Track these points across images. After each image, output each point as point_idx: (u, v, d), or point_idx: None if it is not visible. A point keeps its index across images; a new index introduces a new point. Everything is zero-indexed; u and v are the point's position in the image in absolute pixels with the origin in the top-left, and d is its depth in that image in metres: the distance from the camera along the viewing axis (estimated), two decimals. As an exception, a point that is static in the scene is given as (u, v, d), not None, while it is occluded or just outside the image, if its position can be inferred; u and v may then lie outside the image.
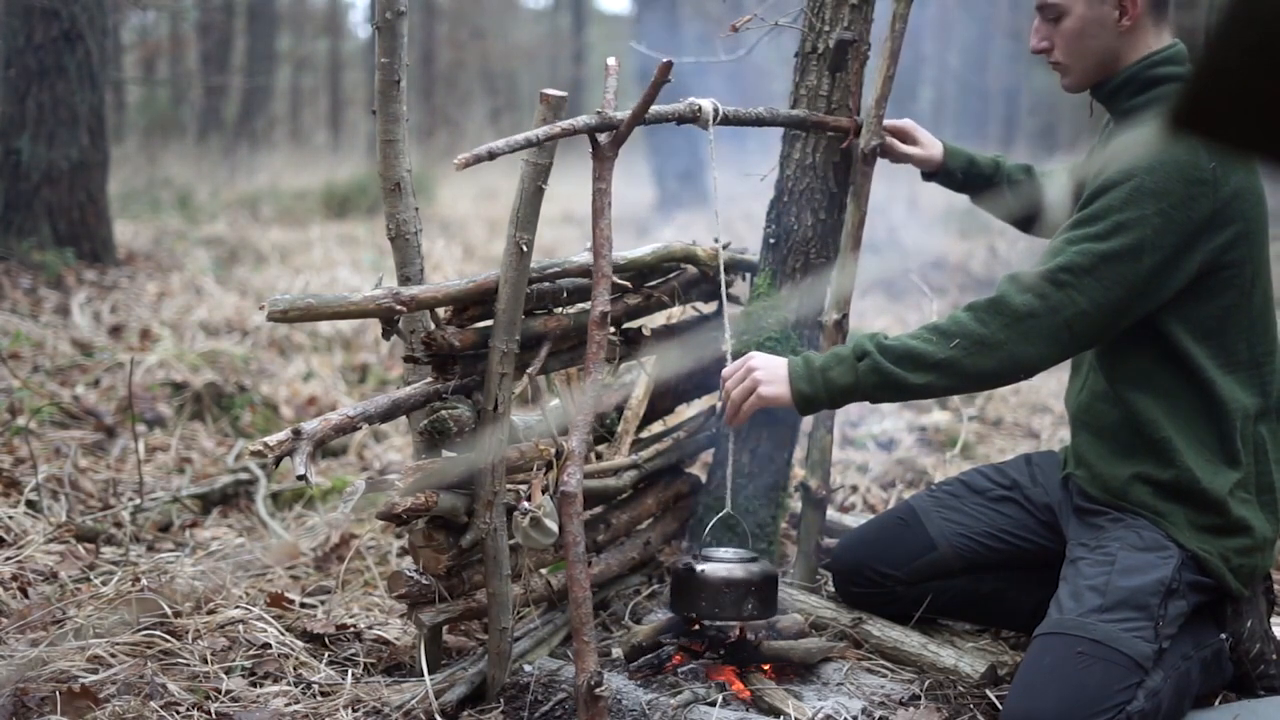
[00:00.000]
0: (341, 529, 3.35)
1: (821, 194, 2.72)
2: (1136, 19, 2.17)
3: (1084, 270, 2.05)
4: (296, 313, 1.97)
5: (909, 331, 2.18)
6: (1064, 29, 2.22)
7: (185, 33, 18.80)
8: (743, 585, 2.32)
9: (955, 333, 2.10)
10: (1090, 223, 2.07)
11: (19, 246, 6.70)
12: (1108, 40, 2.19)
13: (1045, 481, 2.49)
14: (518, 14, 27.06)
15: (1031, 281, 2.08)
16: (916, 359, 2.11)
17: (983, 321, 2.10)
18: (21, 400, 4.05)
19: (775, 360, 2.24)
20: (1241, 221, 2.07)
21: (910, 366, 2.11)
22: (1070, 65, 2.25)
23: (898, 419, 4.91)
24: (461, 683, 2.29)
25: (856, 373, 2.14)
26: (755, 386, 2.21)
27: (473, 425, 2.21)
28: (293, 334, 5.87)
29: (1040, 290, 2.07)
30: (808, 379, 2.18)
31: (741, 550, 2.43)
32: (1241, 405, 2.15)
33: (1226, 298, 2.12)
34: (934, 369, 2.11)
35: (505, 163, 2.39)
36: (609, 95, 2.19)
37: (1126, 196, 2.04)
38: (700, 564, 2.35)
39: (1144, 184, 2.03)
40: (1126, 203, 2.03)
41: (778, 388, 2.20)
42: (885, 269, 7.69)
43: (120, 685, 2.21)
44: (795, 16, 2.77)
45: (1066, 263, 2.06)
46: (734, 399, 2.25)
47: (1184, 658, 2.10)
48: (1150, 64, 2.19)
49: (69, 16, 6.76)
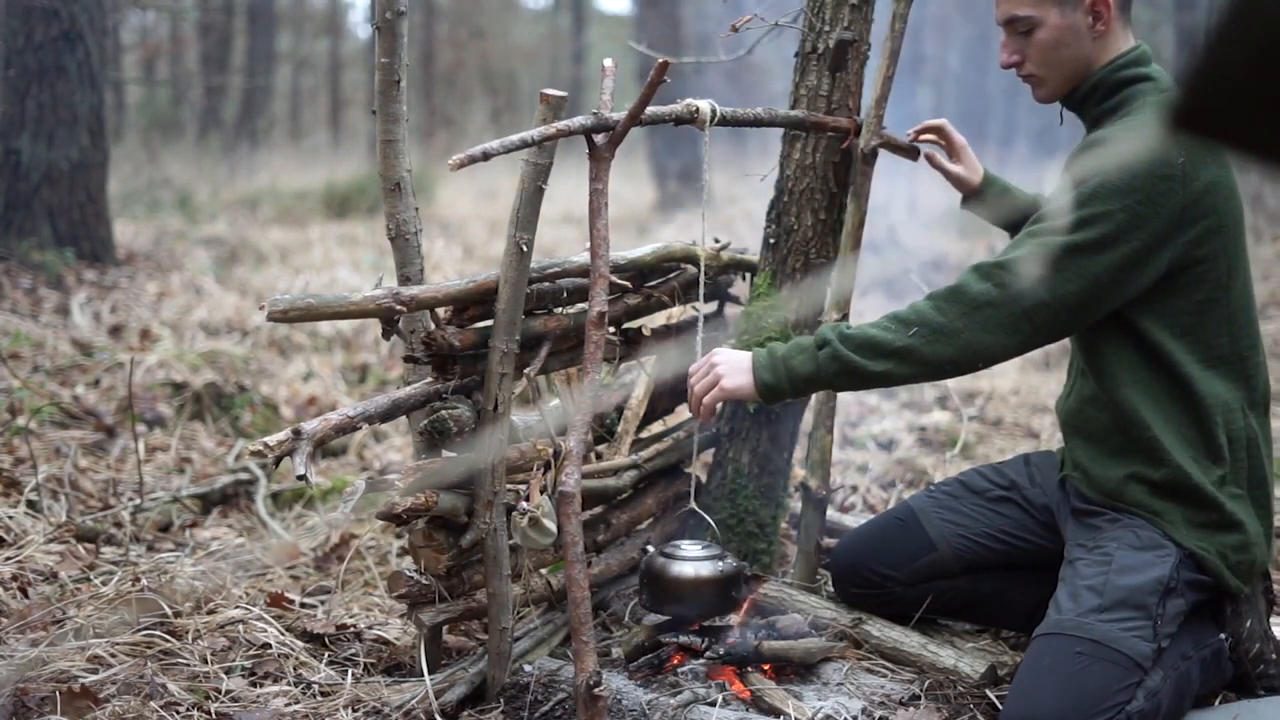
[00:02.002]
0: (341, 529, 3.35)
1: (821, 194, 2.72)
2: (1109, 24, 2.17)
3: (1044, 261, 2.05)
4: (296, 313, 1.97)
5: (871, 321, 2.19)
6: (1038, 40, 2.19)
7: (185, 33, 18.80)
8: (705, 583, 2.38)
9: (914, 321, 2.11)
10: (1055, 216, 2.08)
11: (19, 246, 6.70)
12: (1082, 48, 2.18)
13: (1043, 482, 2.49)
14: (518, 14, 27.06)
15: (990, 270, 2.09)
16: (875, 346, 2.12)
17: (941, 310, 2.10)
18: (21, 400, 4.05)
19: (738, 354, 2.25)
20: (1214, 216, 2.06)
21: (870, 354, 2.12)
22: (1046, 76, 2.23)
23: (898, 419, 4.91)
24: (461, 683, 2.29)
25: (817, 361, 2.15)
26: (718, 380, 2.22)
27: (473, 425, 2.22)
28: (293, 334, 5.87)
29: (999, 279, 2.07)
30: (770, 368, 2.19)
31: (711, 546, 2.45)
32: (1223, 400, 2.15)
33: (1202, 292, 2.11)
34: (892, 356, 2.11)
35: (505, 163, 2.39)
36: (605, 96, 2.19)
37: (1092, 192, 2.04)
38: (661, 559, 2.41)
39: (1110, 180, 2.03)
40: (1092, 198, 2.03)
41: (740, 378, 2.21)
42: (885, 269, 7.69)
43: (120, 685, 2.21)
44: (795, 16, 2.77)
45: (1027, 253, 2.07)
46: (696, 393, 2.26)
47: (1183, 657, 2.10)
48: (1117, 67, 2.18)
49: (69, 16, 6.76)
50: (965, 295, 2.09)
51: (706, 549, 2.43)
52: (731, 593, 2.42)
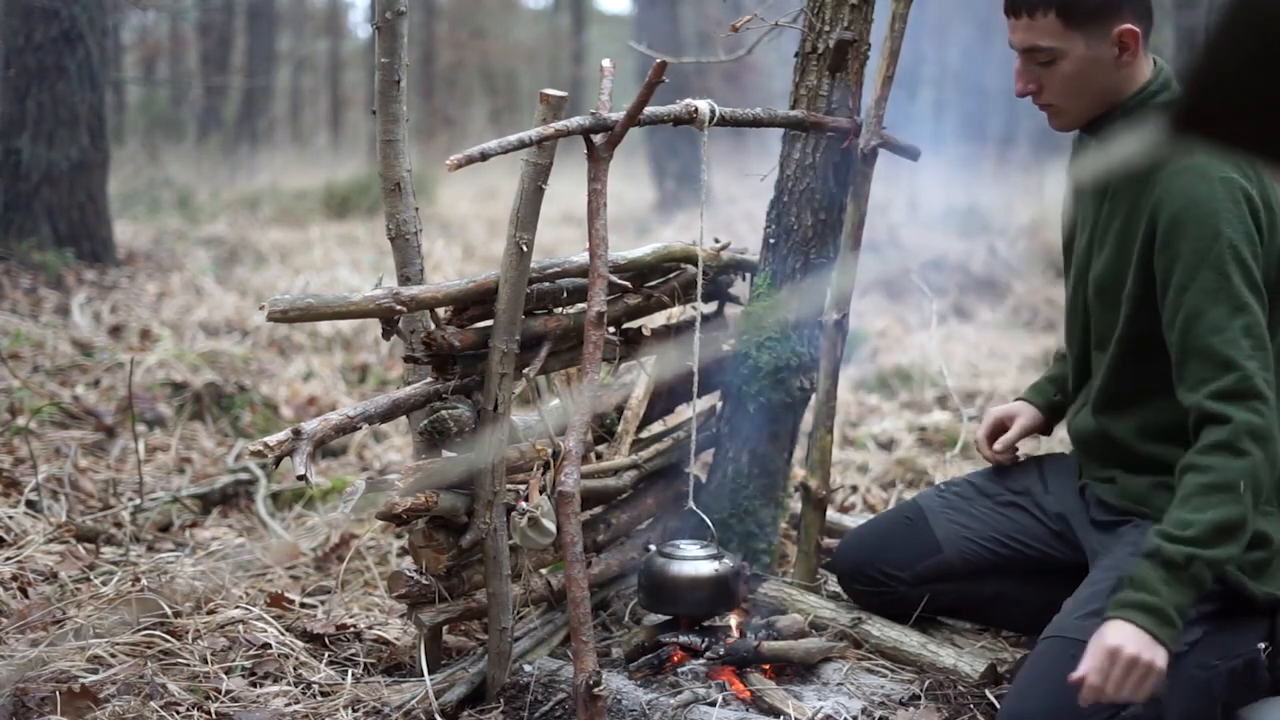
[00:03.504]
0: (341, 529, 3.35)
1: (821, 194, 2.72)
2: (1136, 54, 2.09)
3: (1235, 335, 1.97)
4: (296, 313, 1.98)
5: (1179, 501, 1.96)
6: (1060, 72, 2.10)
7: (185, 33, 18.80)
8: (705, 582, 2.39)
9: (1224, 481, 1.93)
10: (1200, 294, 1.99)
11: (19, 246, 6.70)
12: (1107, 79, 2.11)
13: (1058, 489, 2.43)
14: (518, 14, 27.03)
15: (1229, 392, 1.96)
16: (1227, 529, 1.91)
17: (1228, 453, 1.94)
18: (21, 400, 4.04)
19: (1124, 633, 1.89)
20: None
21: (1228, 538, 1.91)
22: (1066, 107, 2.15)
23: (898, 419, 4.91)
24: (461, 683, 2.29)
25: (1194, 582, 1.91)
26: (1148, 667, 1.86)
27: (473, 425, 2.22)
28: (293, 334, 5.87)
29: (1241, 391, 1.95)
30: (1165, 622, 1.89)
31: (710, 545, 2.45)
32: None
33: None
34: (1244, 521, 1.92)
35: (505, 163, 2.39)
36: (604, 96, 2.19)
37: (1206, 248, 1.98)
38: (660, 559, 2.42)
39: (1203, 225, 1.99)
40: (1206, 252, 1.98)
41: (1157, 651, 1.88)
42: (885, 269, 7.68)
43: (120, 685, 2.21)
44: (795, 16, 2.77)
45: (1221, 346, 1.97)
46: (1125, 693, 1.89)
47: (1202, 667, 2.02)
48: (1148, 94, 2.13)
49: (69, 16, 6.76)
50: (1233, 429, 1.94)
51: (705, 549, 2.43)
52: (731, 592, 2.41)
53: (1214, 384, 1.97)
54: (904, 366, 5.64)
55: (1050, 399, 2.51)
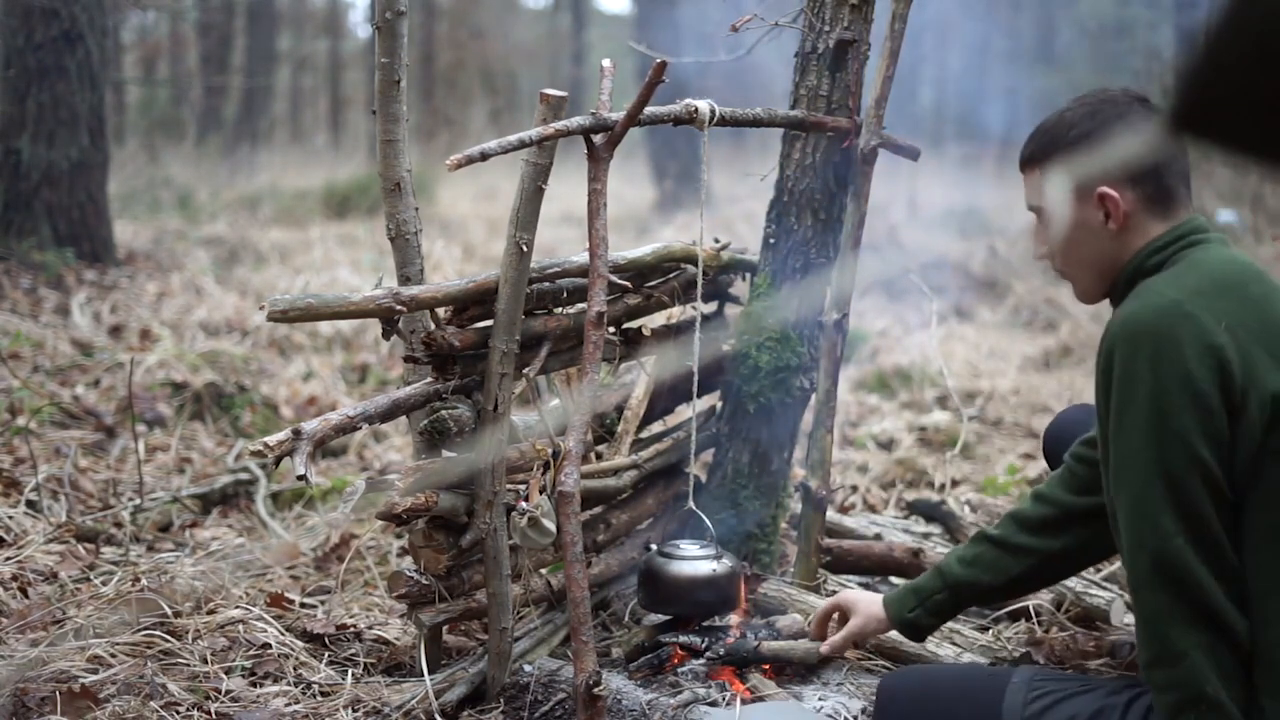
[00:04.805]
0: (341, 529, 3.35)
1: (821, 194, 2.72)
2: (1125, 222, 1.82)
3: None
4: (296, 313, 1.98)
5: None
6: (1053, 235, 1.90)
7: (185, 33, 18.80)
8: (704, 582, 2.39)
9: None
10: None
11: (19, 246, 6.70)
12: (1100, 245, 1.85)
13: None
14: (518, 14, 27.03)
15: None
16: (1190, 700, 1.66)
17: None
18: (21, 400, 4.05)
19: None
20: None
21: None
22: (1071, 275, 1.93)
23: (898, 419, 4.91)
24: (461, 683, 2.29)
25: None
26: None
27: (473, 425, 2.22)
28: (293, 334, 5.87)
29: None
30: None
31: (709, 545, 2.45)
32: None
33: None
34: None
35: (505, 163, 2.39)
36: (604, 96, 2.19)
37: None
38: (660, 559, 2.42)
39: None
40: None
41: None
42: (885, 269, 7.69)
43: (120, 685, 2.22)
44: (795, 16, 2.77)
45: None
46: None
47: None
48: (1142, 258, 1.83)
49: (69, 16, 6.76)
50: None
51: (705, 549, 2.43)
52: (730, 592, 2.41)
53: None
54: (904, 366, 5.65)
55: (904, 614, 2.19)
